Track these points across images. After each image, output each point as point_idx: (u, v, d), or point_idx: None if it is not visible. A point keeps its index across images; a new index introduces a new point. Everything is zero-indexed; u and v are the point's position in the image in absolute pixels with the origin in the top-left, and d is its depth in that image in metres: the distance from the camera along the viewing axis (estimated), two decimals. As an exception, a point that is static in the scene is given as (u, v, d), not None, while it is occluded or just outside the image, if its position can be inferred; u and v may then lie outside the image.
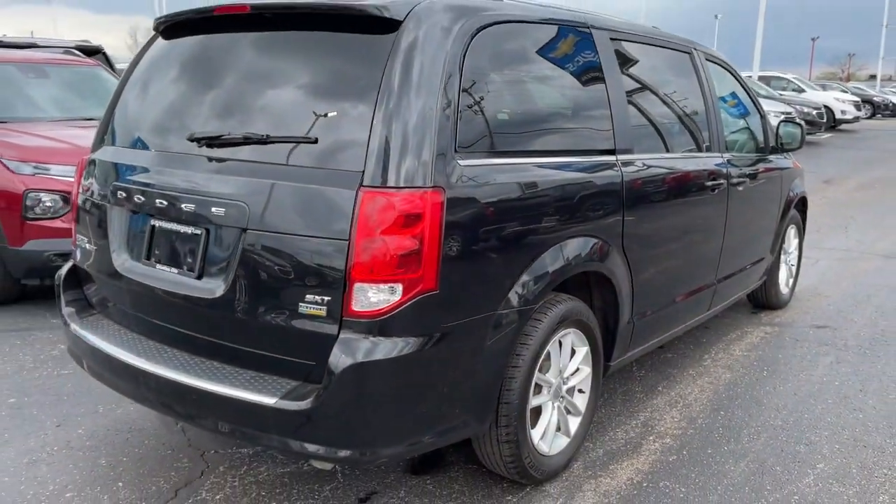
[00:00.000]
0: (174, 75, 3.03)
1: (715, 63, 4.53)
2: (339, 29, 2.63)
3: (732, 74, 4.83)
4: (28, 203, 4.96)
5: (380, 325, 2.36)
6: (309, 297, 2.40)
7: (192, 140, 2.70)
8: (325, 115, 2.51)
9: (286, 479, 3.12)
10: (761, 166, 4.83)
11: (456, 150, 2.50)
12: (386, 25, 2.52)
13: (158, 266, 2.80)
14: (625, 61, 3.48)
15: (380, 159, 2.36)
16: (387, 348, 2.36)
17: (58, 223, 5.01)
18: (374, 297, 2.35)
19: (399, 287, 2.36)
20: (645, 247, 3.44)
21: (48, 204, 5.01)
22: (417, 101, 2.41)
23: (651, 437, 3.53)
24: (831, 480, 3.17)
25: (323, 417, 2.37)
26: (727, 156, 4.29)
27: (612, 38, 3.41)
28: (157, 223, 2.82)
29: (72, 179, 5.02)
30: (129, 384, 2.84)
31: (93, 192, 3.11)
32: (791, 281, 5.78)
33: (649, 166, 3.48)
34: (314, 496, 3.00)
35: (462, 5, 2.69)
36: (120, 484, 3.07)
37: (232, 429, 2.55)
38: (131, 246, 2.93)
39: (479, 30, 2.68)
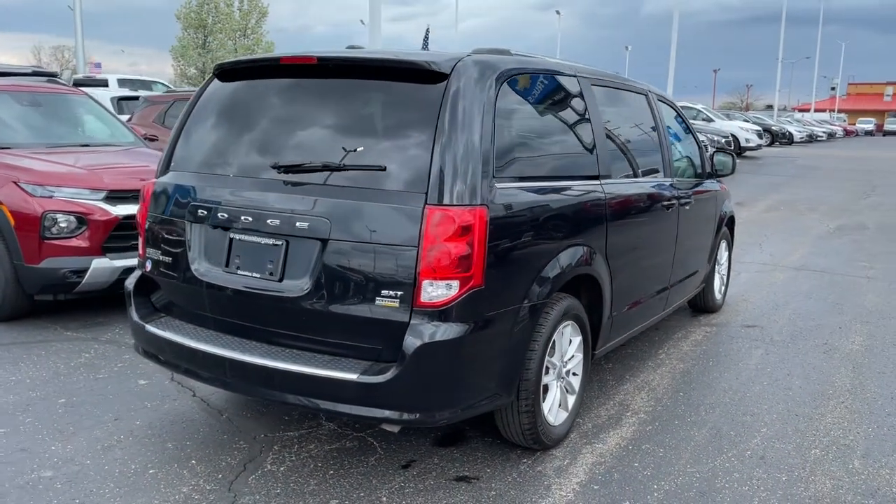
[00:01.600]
0: (241, 112, 3.61)
1: (663, 102, 5.38)
2: (394, 78, 3.29)
3: (676, 111, 5.69)
4: (46, 224, 5.34)
5: (441, 313, 3.00)
6: (385, 291, 3.02)
7: (275, 168, 3.28)
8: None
9: (335, 453, 3.68)
10: (700, 189, 5.70)
11: (493, 176, 3.17)
12: (435, 77, 3.19)
13: (240, 272, 3.35)
14: (601, 102, 4.25)
15: (439, 183, 3.01)
16: (447, 331, 3.00)
17: (73, 242, 5.41)
18: (436, 291, 2.99)
19: (456, 283, 3.01)
20: (622, 254, 4.19)
21: (63, 224, 5.40)
22: (465, 137, 3.08)
23: (628, 414, 4.26)
24: (774, 440, 3.96)
25: (398, 388, 2.98)
26: (675, 180, 5.12)
27: (592, 84, 4.17)
28: (237, 236, 3.37)
29: (84, 201, 5.45)
30: (213, 372, 3.37)
31: (168, 211, 3.63)
32: (723, 288, 6.68)
33: (623, 187, 4.25)
34: (363, 465, 3.57)
35: (488, 60, 3.39)
36: (193, 461, 3.57)
37: (313, 402, 3.13)
38: (211, 255, 3.46)
39: (503, 80, 3.38)
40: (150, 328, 3.62)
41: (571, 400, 3.92)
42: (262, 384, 3.24)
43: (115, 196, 5.58)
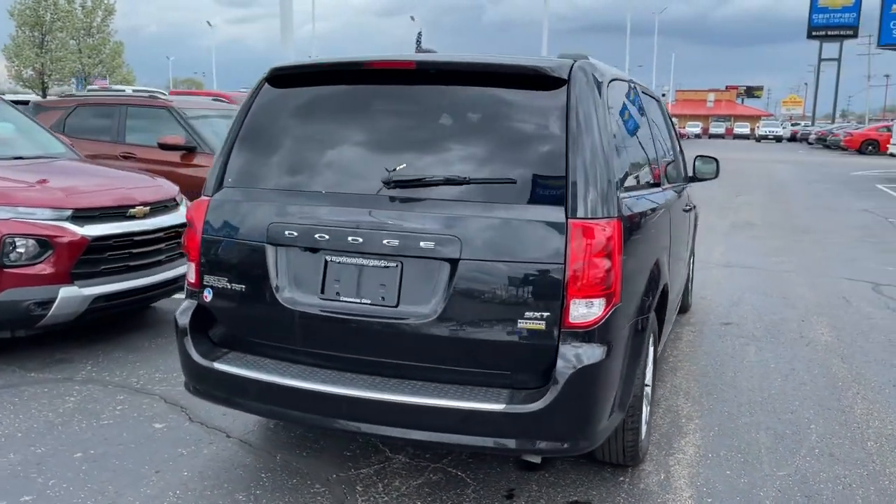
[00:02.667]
0: (317, 121, 3.25)
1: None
2: (503, 84, 3.07)
3: (668, 115, 5.81)
4: (4, 249, 4.61)
5: (587, 334, 2.83)
6: (528, 313, 2.81)
7: (388, 183, 2.97)
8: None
9: (427, 489, 3.40)
10: (685, 193, 5.84)
11: (617, 186, 3.04)
12: (552, 82, 3.01)
13: (342, 298, 3.01)
14: (648, 109, 4.23)
15: (579, 194, 2.84)
16: (596, 353, 2.83)
17: (36, 269, 4.70)
18: (584, 310, 2.82)
19: (601, 301, 2.85)
20: (673, 260, 4.19)
21: (22, 250, 4.68)
22: (595, 145, 2.92)
23: (682, 420, 4.25)
24: (829, 437, 4.09)
25: (549, 416, 2.78)
26: (682, 184, 5.21)
27: (643, 92, 4.14)
28: (334, 259, 3.03)
29: (46, 222, 4.77)
30: (318, 412, 3.00)
31: (236, 233, 3.20)
32: (691, 287, 6.90)
33: (670, 195, 4.26)
34: (464, 499, 3.32)
35: (598, 66, 3.25)
36: (278, 514, 3.17)
37: (450, 438, 2.86)
38: (301, 281, 3.08)
39: (608, 87, 3.26)
40: (221, 367, 3.18)
41: (647, 411, 3.86)
42: (385, 422, 2.92)
43: (82, 215, 4.91)
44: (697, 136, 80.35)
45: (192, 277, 3.35)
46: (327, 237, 3.01)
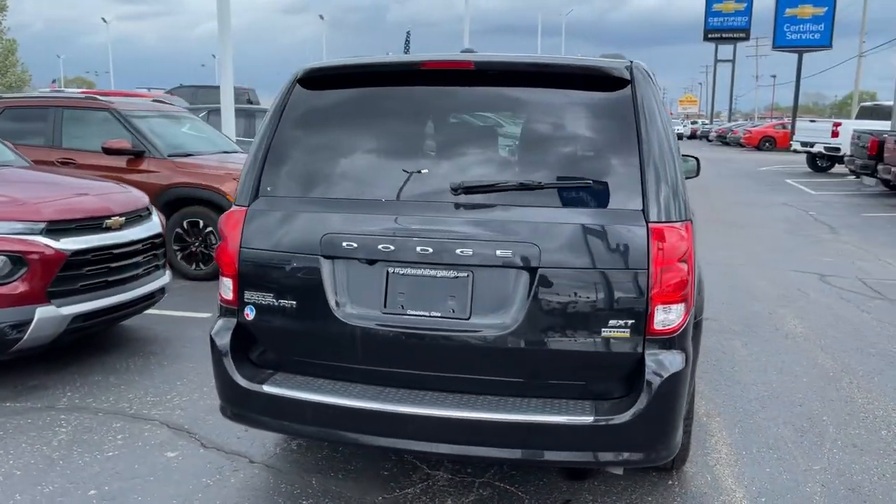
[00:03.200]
0: (364, 125, 3.06)
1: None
2: (562, 85, 2.98)
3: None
4: (-25, 268, 4.21)
5: (670, 341, 2.77)
6: (612, 321, 2.72)
7: (456, 189, 2.81)
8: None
9: (482, 506, 3.27)
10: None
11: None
12: (615, 83, 2.93)
13: (409, 312, 2.84)
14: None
15: (656, 198, 2.77)
16: (678, 361, 2.78)
17: (9, 288, 4.28)
18: (667, 316, 2.75)
19: (681, 307, 2.79)
20: None
21: (-8, 267, 4.29)
22: (665, 147, 2.86)
23: (704, 419, 4.27)
24: (845, 427, 4.20)
25: (637, 427, 2.70)
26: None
27: None
28: (397, 270, 2.86)
29: (19, 237, 4.36)
30: (386, 434, 2.82)
31: (282, 245, 2.97)
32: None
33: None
34: (524, 514, 3.22)
35: (643, 65, 3.19)
36: (338, 544, 2.97)
37: (537, 454, 2.74)
38: (361, 295, 2.89)
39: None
40: (272, 389, 2.94)
41: (682, 413, 3.85)
42: (469, 441, 2.76)
43: (57, 228, 4.51)
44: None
45: (227, 294, 3.10)
46: (392, 248, 2.83)
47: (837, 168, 23.48)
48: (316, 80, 3.18)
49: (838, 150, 21.87)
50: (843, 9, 57.70)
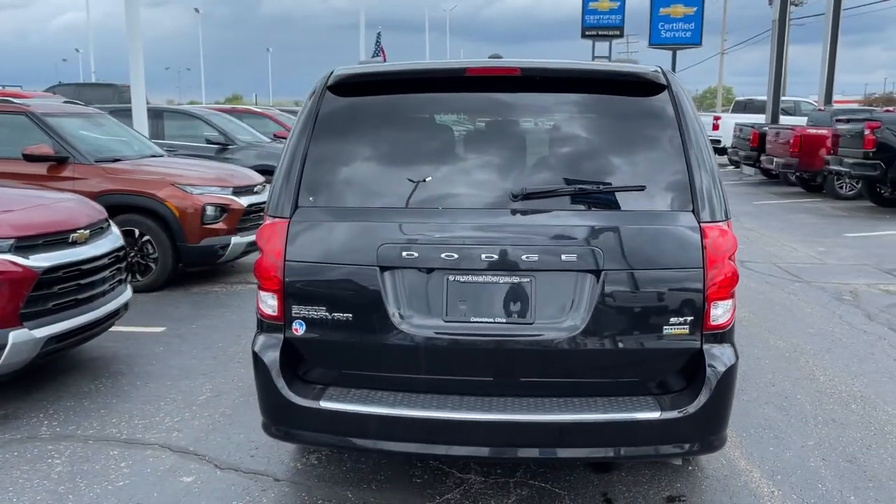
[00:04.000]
0: (409, 132, 3.04)
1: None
2: (604, 91, 3.06)
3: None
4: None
5: (723, 335, 2.93)
6: (673, 319, 2.83)
7: (515, 196, 2.84)
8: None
9: (527, 506, 3.32)
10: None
11: None
12: (653, 88, 3.05)
13: (472, 319, 2.84)
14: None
15: (705, 199, 2.90)
16: (730, 354, 2.94)
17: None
18: (721, 311, 2.90)
19: (729, 302, 2.94)
20: None
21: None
22: (704, 148, 3.00)
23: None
24: (818, 403, 4.54)
25: (698, 419, 2.83)
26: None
27: None
28: (458, 278, 2.85)
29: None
30: (456, 442, 2.82)
31: (334, 256, 2.90)
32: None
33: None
34: (569, 510, 3.29)
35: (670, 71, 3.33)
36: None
37: (608, 452, 2.82)
38: (421, 305, 2.87)
39: (682, 92, 3.35)
40: (330, 405, 2.87)
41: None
42: (542, 444, 2.81)
43: (26, 245, 4.18)
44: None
45: (271, 310, 2.99)
46: (456, 256, 2.83)
47: (718, 159, 24.96)
48: (348, 86, 3.12)
49: (719, 142, 23.26)
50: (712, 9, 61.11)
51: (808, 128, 16.74)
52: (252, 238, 7.45)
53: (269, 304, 3.00)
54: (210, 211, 7.19)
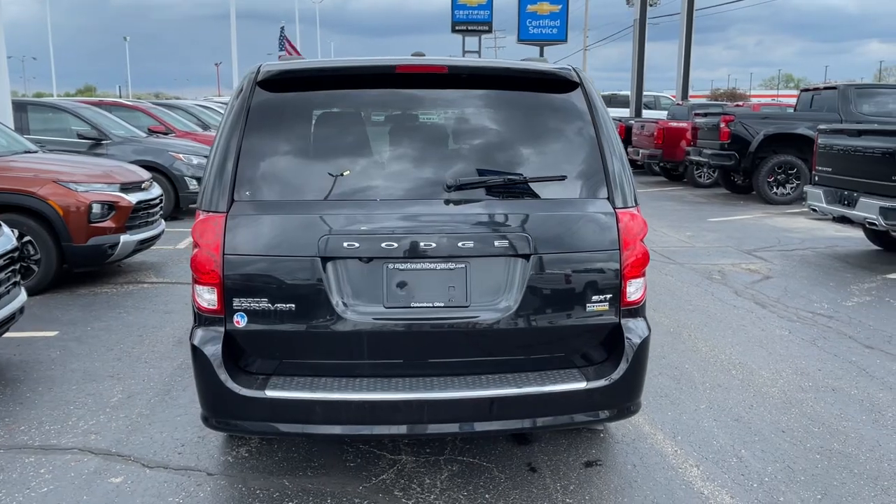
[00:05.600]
0: (339, 126, 3.16)
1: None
2: (524, 88, 3.29)
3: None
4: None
5: (637, 310, 3.23)
6: (595, 297, 3.11)
7: (449, 187, 3.00)
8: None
9: (458, 479, 3.51)
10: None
11: None
12: (568, 85, 3.31)
13: (412, 304, 2.99)
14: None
15: (618, 186, 3.19)
16: (644, 327, 3.25)
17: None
18: (635, 289, 3.20)
19: (641, 280, 3.25)
20: None
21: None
22: (616, 141, 3.29)
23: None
24: (703, 371, 5.01)
25: (619, 387, 3.12)
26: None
27: None
28: (396, 266, 2.99)
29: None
30: (397, 421, 2.97)
31: (275, 248, 2.96)
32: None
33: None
34: (494, 482, 3.51)
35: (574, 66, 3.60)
36: (350, 535, 3.06)
37: (537, 422, 3.05)
38: (364, 293, 2.98)
39: (588, 89, 3.64)
40: (276, 394, 2.94)
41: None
42: (478, 418, 3.00)
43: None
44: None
45: (209, 303, 3.02)
46: (395, 245, 2.96)
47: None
48: (278, 82, 3.18)
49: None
50: (575, 6, 63.38)
51: (669, 121, 17.91)
52: (143, 236, 7.23)
53: (207, 298, 3.02)
54: (97, 209, 6.90)
